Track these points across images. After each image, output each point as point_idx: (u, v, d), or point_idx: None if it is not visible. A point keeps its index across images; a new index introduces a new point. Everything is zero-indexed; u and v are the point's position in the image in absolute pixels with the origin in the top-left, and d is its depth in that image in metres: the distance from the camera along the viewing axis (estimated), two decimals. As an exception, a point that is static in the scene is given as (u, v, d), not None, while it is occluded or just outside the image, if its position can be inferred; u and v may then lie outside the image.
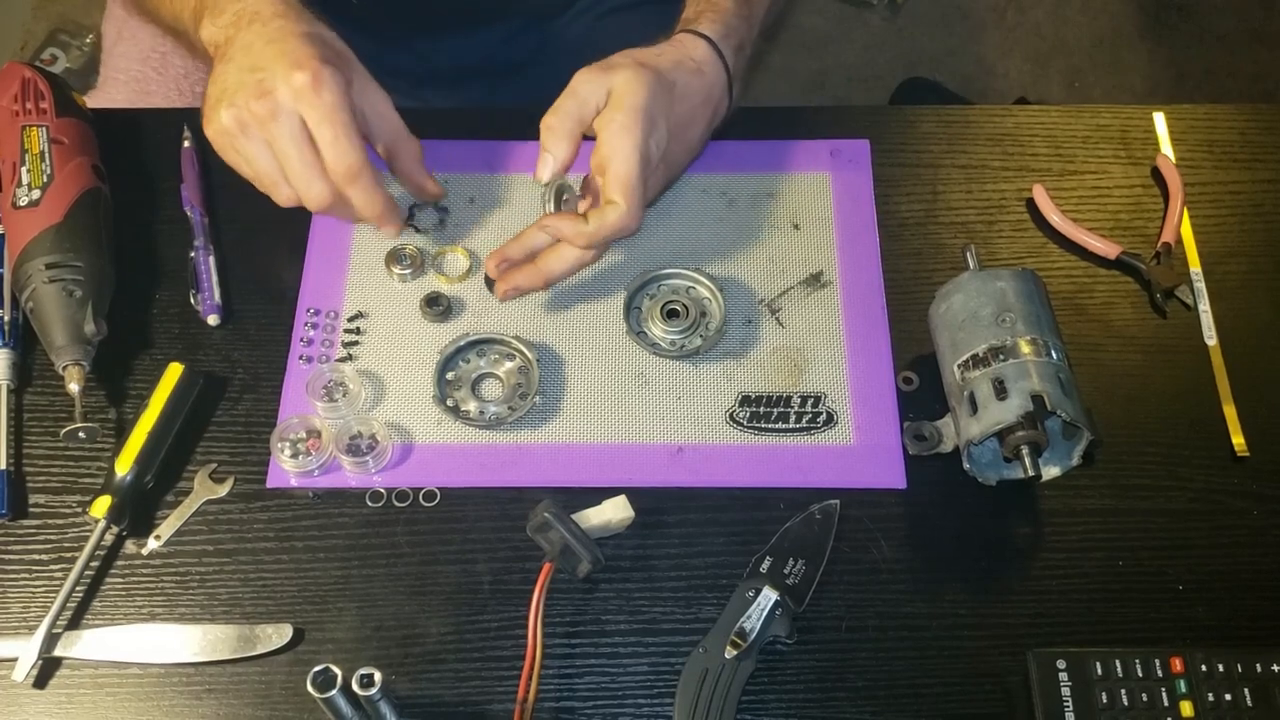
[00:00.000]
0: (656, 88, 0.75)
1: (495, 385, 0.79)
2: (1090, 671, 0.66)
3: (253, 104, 0.71)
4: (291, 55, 0.71)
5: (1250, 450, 0.77)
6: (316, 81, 0.70)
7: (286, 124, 0.71)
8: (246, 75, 0.72)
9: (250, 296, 0.82)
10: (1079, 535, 0.74)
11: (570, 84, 0.76)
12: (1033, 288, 0.74)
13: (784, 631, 0.68)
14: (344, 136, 0.72)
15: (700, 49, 0.80)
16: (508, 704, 0.67)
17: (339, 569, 0.72)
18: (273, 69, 0.71)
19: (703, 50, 0.80)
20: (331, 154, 0.72)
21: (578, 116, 0.75)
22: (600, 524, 0.70)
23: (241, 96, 0.71)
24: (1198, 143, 0.91)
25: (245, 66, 0.72)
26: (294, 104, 0.71)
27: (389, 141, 0.79)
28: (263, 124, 0.71)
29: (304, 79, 0.70)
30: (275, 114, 0.71)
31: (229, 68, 0.73)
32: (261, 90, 0.71)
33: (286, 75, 0.70)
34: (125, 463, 0.71)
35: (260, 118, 0.71)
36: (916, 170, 0.89)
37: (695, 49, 0.80)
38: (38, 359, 0.79)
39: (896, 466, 0.76)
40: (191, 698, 0.68)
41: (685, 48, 0.80)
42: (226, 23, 0.76)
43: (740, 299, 0.82)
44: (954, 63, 2.08)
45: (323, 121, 0.71)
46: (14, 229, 0.77)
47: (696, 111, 0.79)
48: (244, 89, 0.71)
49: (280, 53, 0.72)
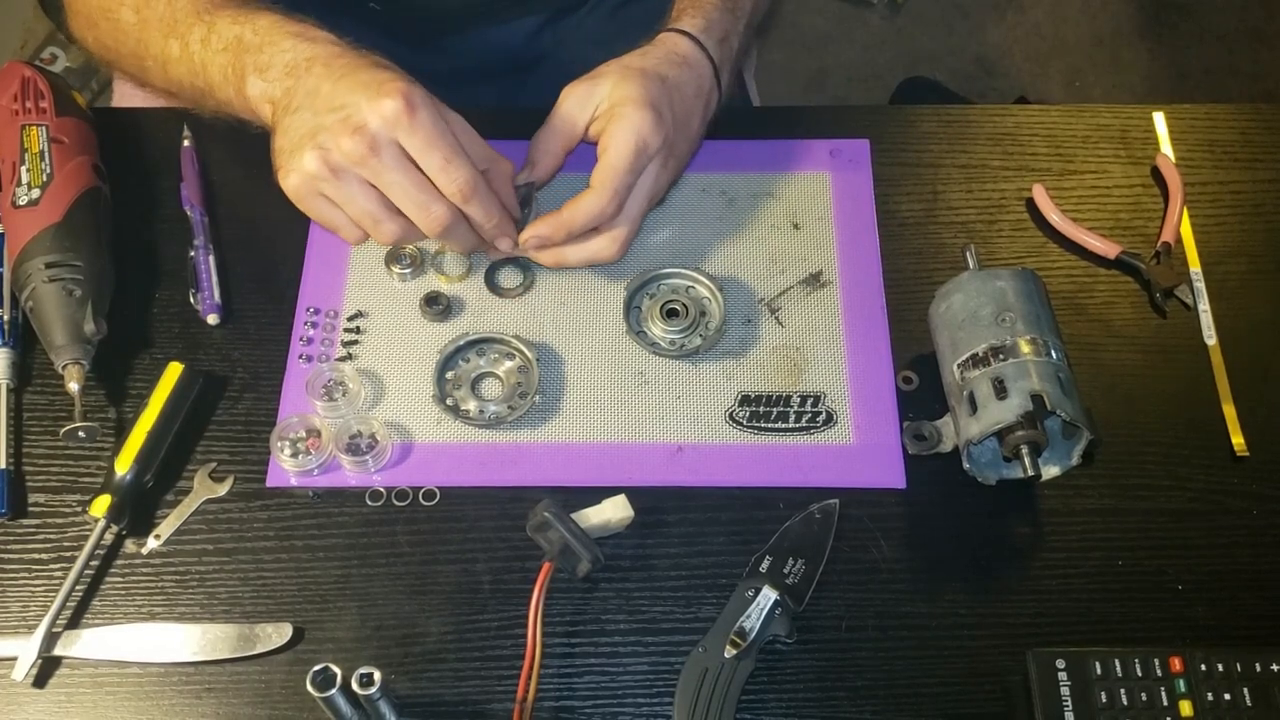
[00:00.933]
0: (650, 83, 0.75)
1: (495, 384, 0.79)
2: (1089, 671, 0.66)
3: (344, 142, 0.67)
4: (371, 84, 0.67)
5: (1250, 450, 0.77)
6: (410, 105, 0.67)
7: (388, 155, 0.67)
8: (326, 117, 0.68)
9: (250, 296, 0.82)
10: (1078, 535, 0.74)
11: (558, 100, 0.77)
12: (1032, 287, 0.74)
13: (784, 631, 0.68)
14: (455, 155, 0.69)
15: (683, 44, 0.80)
16: (507, 703, 0.67)
17: (339, 568, 0.72)
18: (355, 103, 0.67)
19: (685, 45, 0.80)
20: (445, 177, 0.69)
21: (563, 133, 0.77)
22: (600, 523, 0.70)
23: (328, 138, 0.67)
24: (1198, 142, 0.91)
25: (321, 109, 0.68)
26: (391, 133, 0.67)
27: (482, 164, 0.73)
28: (360, 162, 0.67)
29: (395, 105, 0.66)
30: (375, 148, 0.67)
31: (299, 116, 0.69)
32: (350, 126, 0.67)
33: (374, 105, 0.66)
34: (125, 462, 0.71)
35: (355, 156, 0.67)
36: (916, 170, 0.89)
37: (678, 45, 0.80)
38: (37, 358, 0.79)
39: (896, 466, 0.76)
40: (191, 697, 0.68)
41: (668, 45, 0.80)
42: (279, 75, 0.72)
43: (740, 298, 0.82)
44: (954, 62, 2.08)
45: (429, 145, 0.68)
46: (13, 228, 0.77)
47: (691, 103, 0.79)
48: (327, 130, 0.67)
49: (356, 84, 0.68)
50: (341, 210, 0.71)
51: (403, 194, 0.69)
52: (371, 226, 0.71)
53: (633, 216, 0.77)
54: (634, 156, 0.74)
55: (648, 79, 0.76)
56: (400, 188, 0.69)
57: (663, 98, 0.76)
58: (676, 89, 0.78)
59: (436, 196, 0.70)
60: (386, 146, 0.67)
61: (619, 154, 0.74)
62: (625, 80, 0.75)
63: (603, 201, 0.75)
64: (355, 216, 0.71)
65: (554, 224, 0.76)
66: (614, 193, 0.75)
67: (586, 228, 0.76)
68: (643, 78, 0.76)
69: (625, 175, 0.74)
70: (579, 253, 0.78)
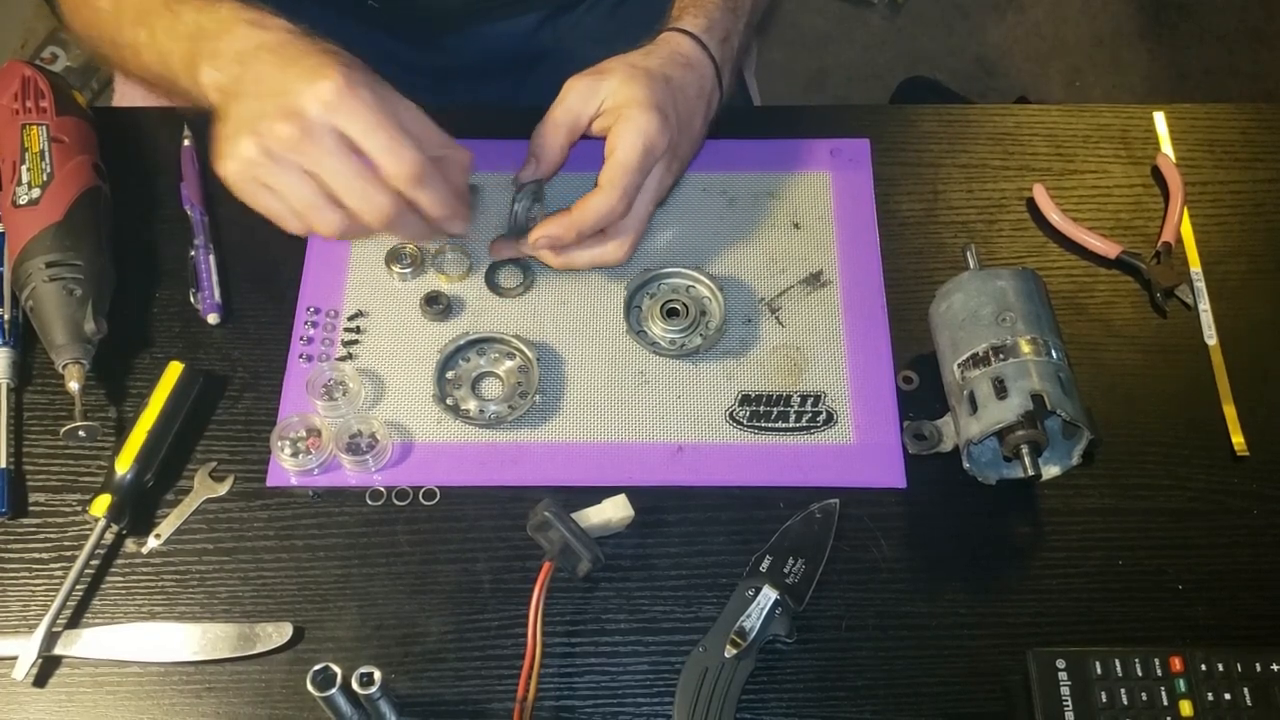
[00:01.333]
0: (655, 85, 0.75)
1: (495, 384, 0.79)
2: (1090, 671, 0.66)
3: (278, 127, 0.64)
4: (311, 69, 0.65)
5: (1250, 450, 0.77)
6: (348, 86, 0.64)
7: (324, 139, 0.64)
8: (266, 103, 0.65)
9: (250, 295, 0.82)
10: (1079, 534, 0.74)
11: (561, 93, 0.77)
12: (1033, 287, 0.74)
13: (784, 630, 0.68)
14: (399, 138, 0.65)
15: (685, 44, 0.80)
16: (507, 703, 0.67)
17: (339, 568, 0.72)
18: (293, 88, 0.64)
19: (688, 45, 0.80)
20: (390, 159, 0.65)
21: (567, 126, 0.77)
22: (600, 523, 0.70)
23: (263, 123, 0.64)
24: (1198, 142, 0.91)
25: (263, 95, 0.66)
26: (328, 117, 0.64)
27: (433, 152, 0.68)
28: (294, 147, 0.64)
29: (331, 87, 0.63)
30: (308, 132, 0.64)
31: (243, 103, 0.67)
32: (286, 111, 0.64)
33: (310, 88, 0.64)
34: (125, 461, 0.71)
35: (290, 141, 0.64)
36: (917, 169, 0.89)
37: (681, 45, 0.80)
38: (38, 357, 0.79)
39: (896, 466, 0.76)
40: (191, 696, 0.68)
41: (671, 44, 0.80)
42: (228, 62, 0.69)
43: (740, 298, 0.82)
44: (954, 62, 2.08)
45: (371, 128, 0.64)
46: (14, 228, 0.77)
47: (694, 104, 0.79)
48: (264, 116, 0.65)
49: (298, 71, 0.65)
50: (281, 199, 0.67)
51: (342, 182, 0.65)
52: (314, 217, 0.67)
53: (640, 218, 0.77)
54: (642, 157, 0.74)
55: (653, 80, 0.76)
56: (339, 175, 0.65)
57: (667, 99, 0.76)
58: (680, 90, 0.78)
59: (378, 184, 0.66)
60: (323, 132, 0.64)
61: (627, 154, 0.74)
62: (631, 81, 0.75)
63: (612, 200, 0.74)
64: (295, 206, 0.67)
65: (564, 224, 0.76)
66: (623, 191, 0.74)
67: (596, 227, 0.76)
68: (648, 79, 0.75)
69: (634, 175, 0.74)
70: (586, 257, 0.78)
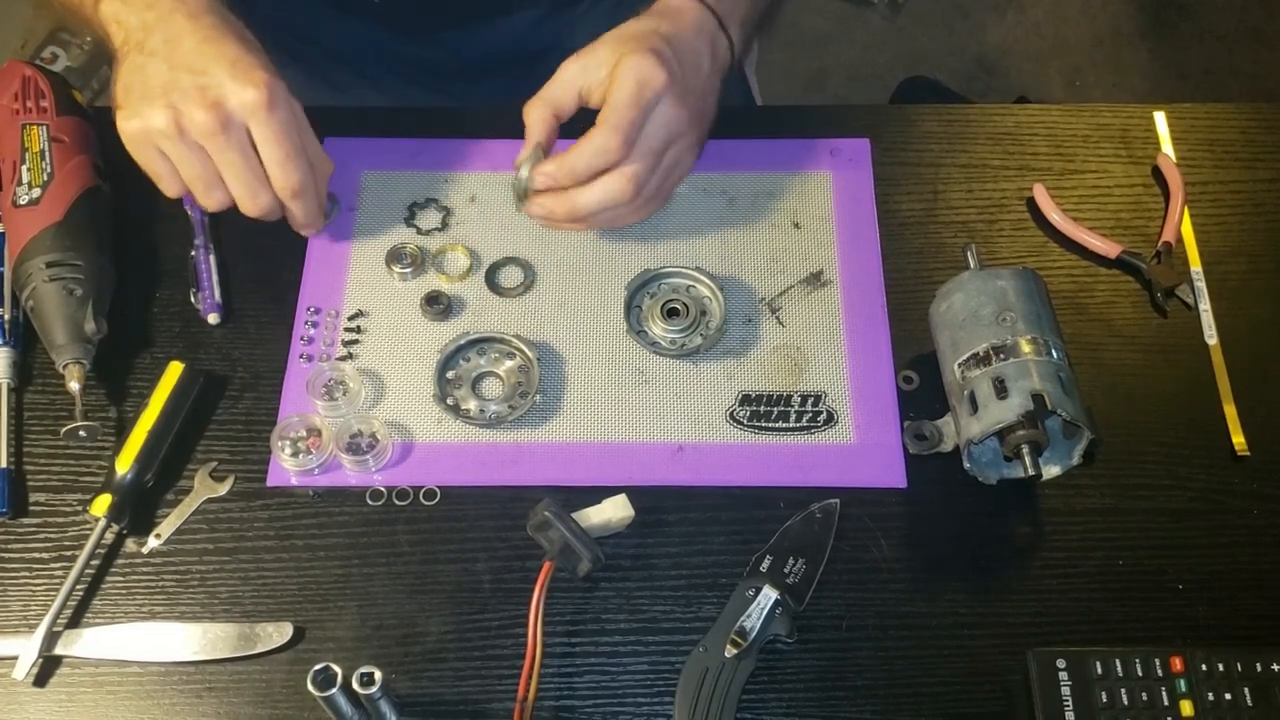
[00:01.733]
0: (643, 35, 0.76)
1: (495, 384, 0.79)
2: (1090, 671, 0.66)
3: (197, 112, 0.70)
4: (238, 64, 0.71)
5: (1250, 449, 0.77)
6: (272, 100, 0.70)
7: (235, 138, 0.71)
8: (184, 76, 0.70)
9: (250, 295, 0.82)
10: (1079, 534, 0.74)
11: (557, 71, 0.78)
12: (1033, 287, 0.74)
13: (784, 630, 0.68)
14: (294, 156, 0.73)
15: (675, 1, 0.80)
16: (508, 702, 0.67)
17: (339, 567, 0.72)
18: (218, 77, 0.70)
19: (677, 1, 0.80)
20: (281, 173, 0.73)
21: (554, 99, 0.78)
22: (600, 523, 0.70)
23: (183, 101, 0.70)
24: (1198, 142, 0.91)
25: (180, 65, 0.71)
26: (244, 117, 0.71)
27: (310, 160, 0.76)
28: (207, 135, 0.71)
29: (258, 96, 0.70)
30: (225, 126, 0.70)
31: (154, 62, 0.71)
32: (208, 99, 0.70)
33: (238, 88, 0.70)
34: (126, 461, 0.71)
35: (205, 129, 0.70)
36: (917, 169, 0.89)
37: (670, 2, 0.80)
38: (38, 357, 0.79)
39: (897, 465, 0.76)
40: (192, 696, 0.68)
41: (660, 6, 0.81)
42: (142, 5, 0.73)
43: (740, 298, 0.82)
44: (954, 62, 2.08)
45: (275, 142, 0.72)
46: (14, 227, 0.77)
47: (694, 43, 0.79)
48: (183, 93, 0.70)
49: (220, 56, 0.71)
50: (172, 167, 0.74)
51: (235, 175, 0.73)
52: (201, 191, 0.74)
53: (645, 153, 0.76)
54: (636, 91, 0.73)
55: (642, 33, 0.77)
56: (235, 169, 0.73)
57: (660, 43, 0.76)
58: (673, 34, 0.78)
59: (265, 186, 0.74)
60: (236, 129, 0.71)
61: (620, 92, 0.74)
62: (620, 42, 0.76)
63: (606, 137, 0.74)
64: (187, 178, 0.74)
65: (559, 162, 0.76)
66: (615, 128, 0.74)
67: (593, 168, 0.75)
68: (637, 34, 0.77)
69: (628, 110, 0.73)
70: (589, 195, 0.76)
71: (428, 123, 0.91)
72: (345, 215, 0.85)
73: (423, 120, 0.91)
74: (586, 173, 0.75)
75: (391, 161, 0.87)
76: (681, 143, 0.78)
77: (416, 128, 0.90)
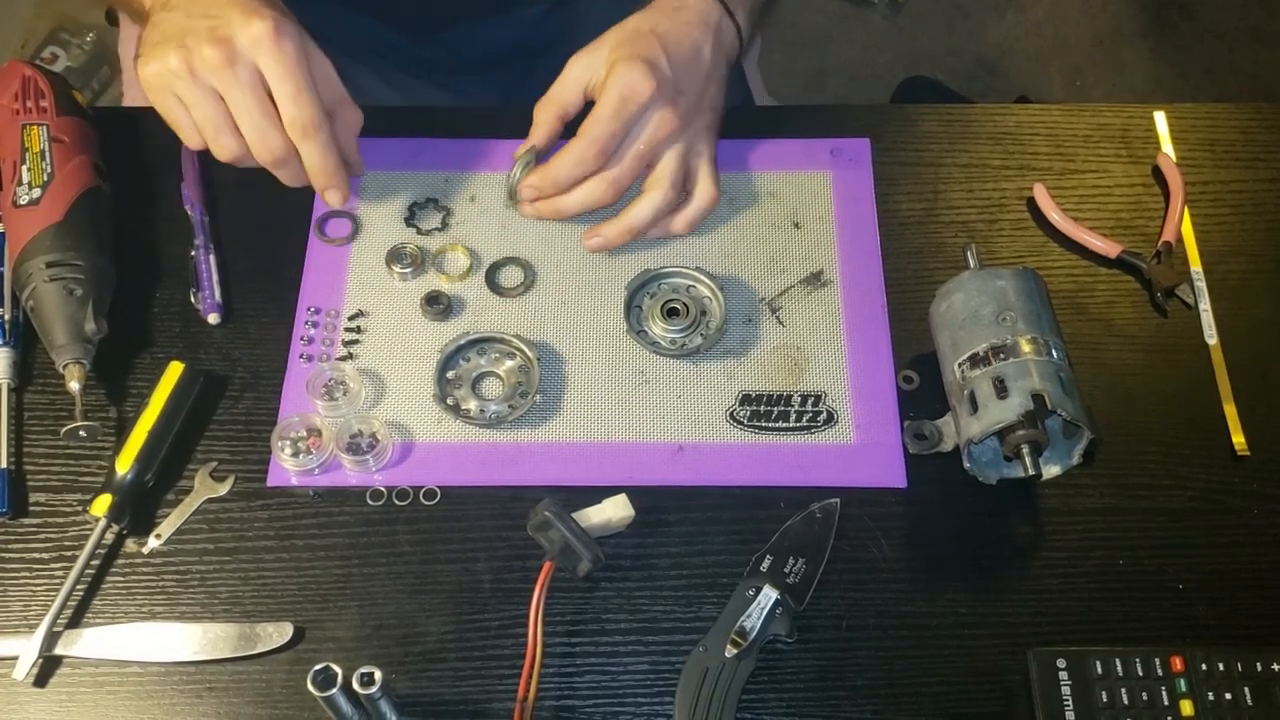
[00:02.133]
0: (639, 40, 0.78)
1: (495, 384, 0.79)
2: (1090, 670, 0.66)
3: (205, 49, 0.69)
4: (249, 4, 0.70)
5: (1250, 449, 0.77)
6: (278, 32, 0.69)
7: (243, 72, 0.70)
8: (198, 21, 0.70)
9: (251, 295, 0.82)
10: (1079, 534, 0.74)
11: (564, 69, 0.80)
12: (1033, 286, 0.74)
13: (784, 630, 0.68)
14: (305, 89, 0.71)
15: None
16: (508, 702, 0.67)
17: (339, 567, 0.72)
18: (227, 15, 0.70)
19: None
20: (291, 107, 0.71)
21: (559, 100, 0.80)
22: (600, 523, 0.70)
23: (193, 39, 0.70)
24: (1198, 142, 0.91)
25: (195, 13, 0.71)
26: (252, 52, 0.69)
27: (331, 106, 0.76)
28: (215, 70, 0.70)
29: (265, 27, 0.69)
30: (232, 60, 0.69)
31: (174, 14, 0.72)
32: (216, 36, 0.69)
33: (245, 22, 0.69)
34: (126, 461, 0.71)
35: (213, 64, 0.69)
36: (917, 169, 0.89)
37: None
38: (38, 357, 0.79)
39: (897, 465, 0.76)
40: (192, 696, 0.68)
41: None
42: None
43: (741, 298, 0.82)
44: (954, 61, 2.08)
45: (284, 74, 0.70)
46: (14, 228, 0.77)
47: (695, 38, 0.80)
48: (195, 34, 0.70)
49: (236, 5, 0.71)
50: (187, 112, 0.73)
51: (246, 114, 0.71)
52: (212, 136, 0.73)
53: (627, 157, 0.79)
54: (617, 104, 0.76)
55: (639, 37, 0.79)
56: (245, 106, 0.71)
57: (655, 48, 0.78)
58: (671, 33, 0.80)
59: (276, 126, 0.72)
60: (244, 64, 0.70)
61: (604, 105, 0.77)
62: (619, 44, 0.79)
63: (584, 149, 0.77)
64: (198, 121, 0.73)
65: (541, 173, 0.79)
66: (592, 140, 0.77)
67: (573, 176, 0.79)
68: (634, 37, 0.79)
69: (605, 123, 0.76)
70: (571, 200, 0.80)
71: (428, 122, 0.91)
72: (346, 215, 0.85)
73: (423, 120, 0.91)
74: (569, 182, 0.79)
75: (392, 161, 0.87)
76: (680, 137, 0.80)
77: (417, 127, 0.90)
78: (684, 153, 0.81)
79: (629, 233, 0.81)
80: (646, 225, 0.81)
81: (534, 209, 0.82)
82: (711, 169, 0.82)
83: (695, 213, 0.82)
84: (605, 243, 0.81)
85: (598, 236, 0.81)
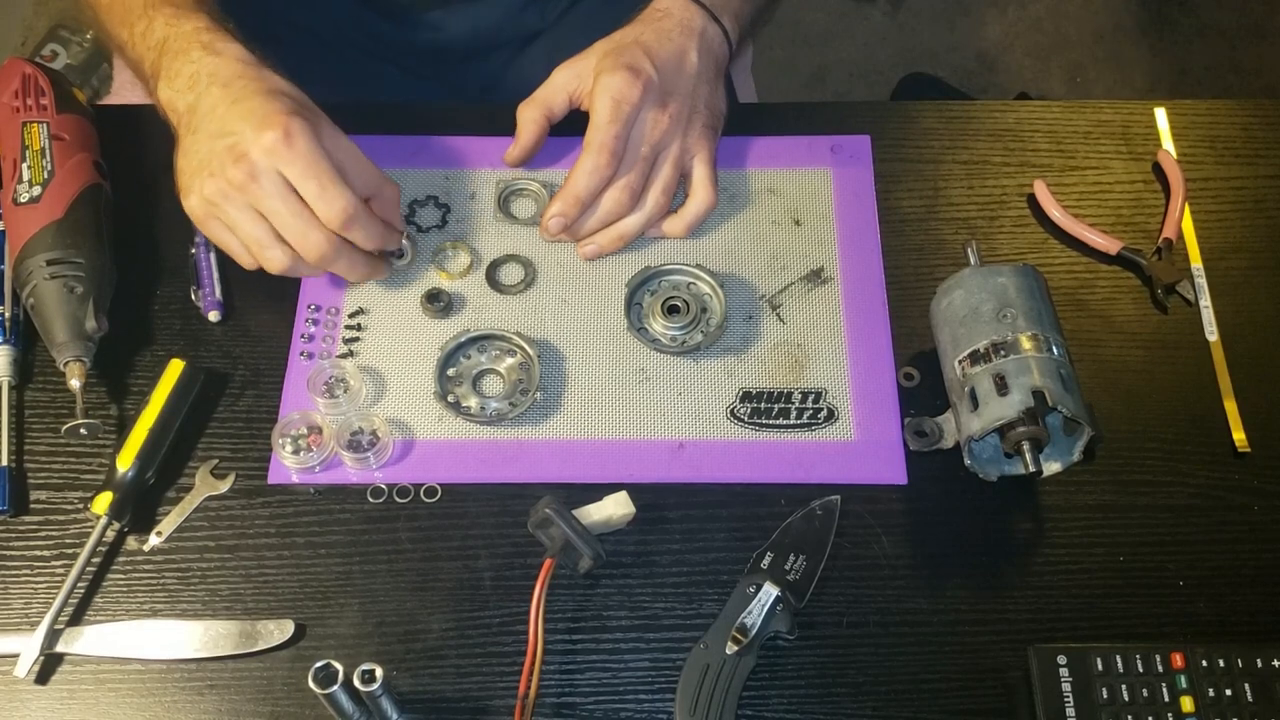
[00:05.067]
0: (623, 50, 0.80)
1: (496, 381, 0.79)
2: (1091, 667, 0.66)
3: (229, 170, 0.71)
4: (257, 114, 0.71)
5: (1251, 446, 0.77)
6: (287, 136, 0.70)
7: (267, 183, 0.71)
8: (218, 143, 0.72)
9: (251, 293, 0.82)
10: (1080, 531, 0.74)
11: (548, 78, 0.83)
12: (1034, 283, 0.74)
13: (785, 627, 0.68)
14: (330, 184, 0.71)
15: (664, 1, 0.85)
16: (509, 699, 0.67)
17: (340, 565, 0.72)
18: (241, 131, 0.71)
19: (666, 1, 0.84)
20: (322, 204, 0.71)
21: (544, 101, 0.83)
22: (601, 520, 0.70)
23: (217, 163, 0.71)
24: (1199, 138, 0.91)
25: (215, 133, 0.72)
26: (270, 162, 0.70)
27: (367, 187, 0.76)
28: (243, 188, 0.71)
29: (274, 136, 0.70)
30: (255, 176, 0.70)
31: (197, 139, 0.73)
32: (235, 155, 0.70)
33: (256, 136, 0.70)
34: (126, 459, 0.71)
35: (239, 183, 0.71)
36: (917, 166, 0.89)
37: (660, 3, 0.85)
38: (39, 355, 0.79)
39: (897, 462, 0.76)
40: (193, 693, 0.68)
41: (650, 7, 0.85)
42: (183, 86, 0.75)
43: (741, 295, 0.82)
44: (955, 58, 2.08)
45: (304, 176, 0.71)
46: (15, 226, 0.77)
47: (678, 44, 0.82)
48: (218, 156, 0.71)
49: (246, 112, 0.71)
50: (236, 236, 0.74)
51: (282, 221, 0.72)
52: (259, 252, 0.74)
53: (634, 162, 0.80)
54: (613, 110, 0.78)
55: (623, 48, 0.81)
56: (280, 215, 0.72)
57: (640, 55, 0.80)
58: (654, 41, 0.82)
59: (315, 224, 0.72)
60: (267, 175, 0.70)
61: (599, 113, 0.78)
62: (605, 55, 0.80)
63: (595, 157, 0.78)
64: (245, 241, 0.74)
65: (562, 195, 0.80)
66: (601, 146, 0.78)
67: (592, 188, 0.80)
68: (618, 48, 0.81)
69: (608, 128, 0.78)
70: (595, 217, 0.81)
71: (427, 120, 0.91)
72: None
73: (422, 118, 0.91)
74: (589, 194, 0.80)
75: (390, 159, 0.87)
76: (675, 139, 0.82)
77: (415, 125, 0.90)
78: (678, 156, 0.82)
79: (621, 240, 0.82)
80: (638, 232, 0.82)
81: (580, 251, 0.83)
82: (709, 172, 0.83)
83: (691, 216, 0.83)
84: (599, 250, 0.83)
85: (592, 244, 0.82)
